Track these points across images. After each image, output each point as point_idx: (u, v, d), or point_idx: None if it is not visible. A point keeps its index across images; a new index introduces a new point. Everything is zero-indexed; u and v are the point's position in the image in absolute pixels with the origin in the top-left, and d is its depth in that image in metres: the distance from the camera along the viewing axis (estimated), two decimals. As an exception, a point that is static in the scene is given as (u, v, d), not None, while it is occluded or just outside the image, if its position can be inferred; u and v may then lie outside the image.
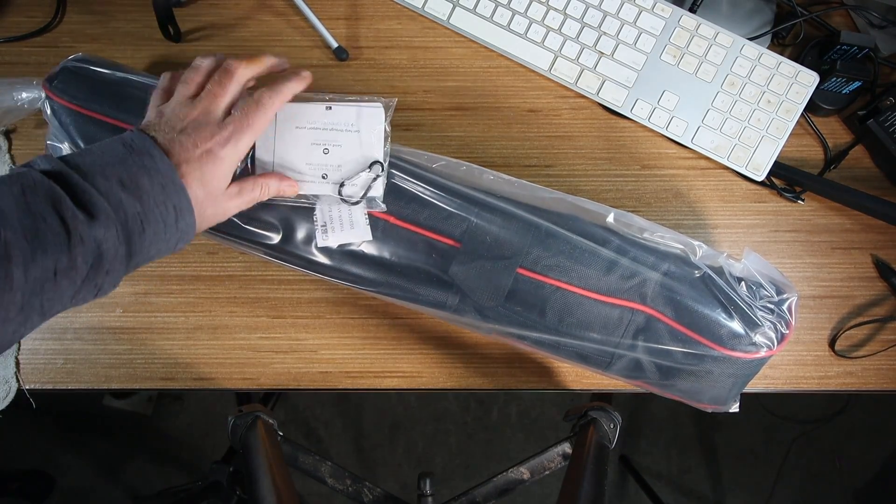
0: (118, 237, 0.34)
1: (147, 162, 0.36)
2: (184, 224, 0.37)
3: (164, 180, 0.36)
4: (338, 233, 0.47)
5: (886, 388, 0.58)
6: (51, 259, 0.31)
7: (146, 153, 0.36)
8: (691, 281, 0.47)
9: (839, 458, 1.42)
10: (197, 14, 0.62)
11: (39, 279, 0.31)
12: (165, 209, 0.36)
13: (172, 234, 0.37)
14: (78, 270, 0.33)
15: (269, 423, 0.61)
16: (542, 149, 0.61)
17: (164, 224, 0.36)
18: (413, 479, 1.01)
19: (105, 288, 0.35)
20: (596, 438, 0.57)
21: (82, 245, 0.32)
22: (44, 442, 1.41)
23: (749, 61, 0.59)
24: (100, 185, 0.34)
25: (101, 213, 0.33)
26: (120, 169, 0.35)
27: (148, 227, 0.35)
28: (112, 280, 0.35)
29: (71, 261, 0.32)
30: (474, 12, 0.61)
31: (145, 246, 0.36)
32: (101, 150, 0.36)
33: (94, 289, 0.35)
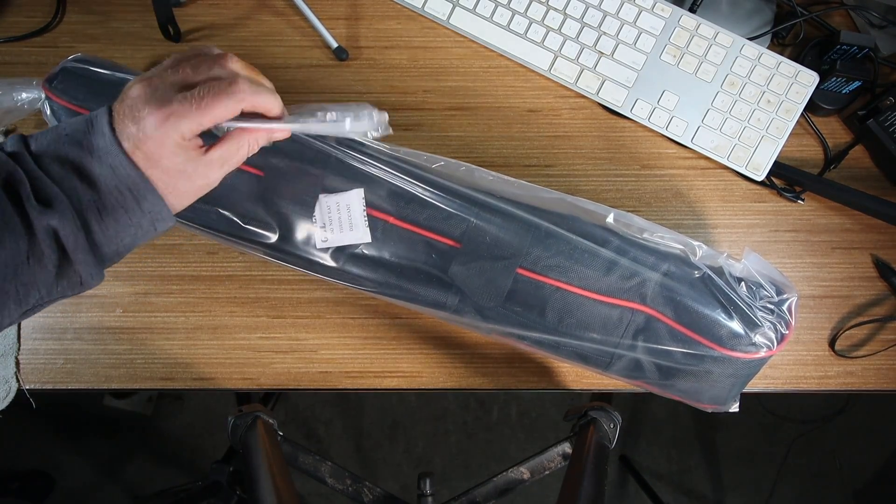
0: (75, 224, 0.33)
1: (99, 141, 0.34)
2: (149, 205, 0.35)
3: (113, 161, 0.34)
4: (337, 233, 0.47)
5: (886, 388, 0.58)
6: (18, 243, 0.31)
7: (100, 132, 0.34)
8: (691, 281, 0.47)
9: (839, 459, 1.42)
10: (197, 14, 0.62)
11: (10, 263, 0.31)
12: (120, 194, 0.34)
13: (140, 218, 0.35)
14: (46, 256, 0.32)
15: (269, 423, 0.61)
16: (542, 149, 0.61)
17: (125, 209, 0.34)
18: (413, 479, 1.01)
19: (84, 278, 0.34)
20: (596, 438, 0.57)
21: (37, 232, 0.32)
22: (44, 442, 1.41)
23: (749, 61, 0.59)
24: (54, 171, 0.33)
25: (54, 200, 0.32)
26: (74, 152, 0.34)
27: (105, 214, 0.34)
28: (86, 270, 0.34)
29: (33, 246, 0.32)
30: (474, 12, 0.61)
31: (110, 234, 0.34)
32: (68, 126, 0.35)
33: (74, 276, 0.34)
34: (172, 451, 1.41)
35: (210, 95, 0.35)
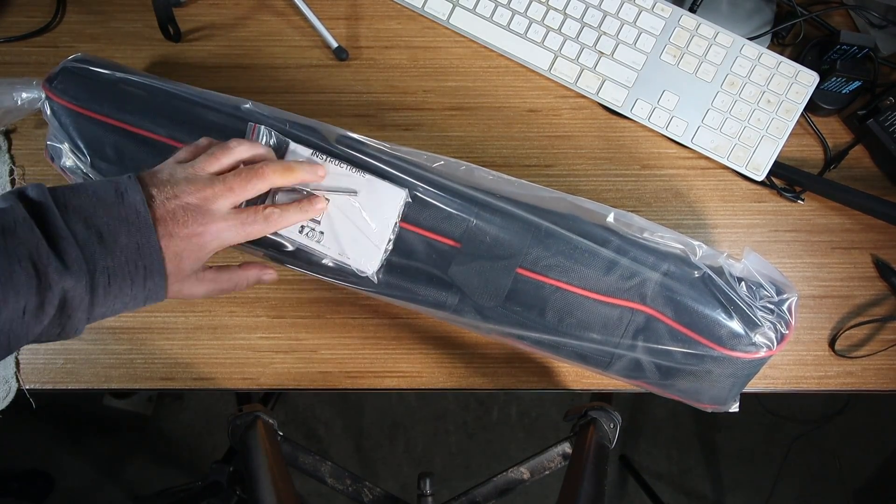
0: (85, 287, 0.34)
1: (131, 216, 0.36)
2: (152, 284, 0.37)
3: (141, 240, 0.36)
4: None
5: (886, 388, 0.58)
6: (21, 300, 0.32)
7: (132, 207, 0.36)
8: (691, 281, 0.47)
9: (839, 459, 1.42)
10: (197, 14, 0.62)
11: (9, 318, 0.32)
12: (135, 268, 0.36)
13: (139, 292, 0.37)
14: (45, 312, 0.33)
15: (269, 423, 0.61)
16: (542, 149, 0.61)
17: (132, 281, 0.36)
18: (413, 479, 1.01)
19: (67, 330, 0.36)
20: (596, 438, 0.57)
21: (51, 291, 0.33)
22: (44, 442, 1.41)
23: (749, 61, 0.59)
24: (79, 232, 0.34)
25: (73, 263, 0.34)
26: (103, 217, 0.35)
27: (114, 282, 0.35)
28: (73, 325, 0.36)
29: (39, 303, 0.33)
30: (474, 12, 0.61)
31: (109, 298, 0.36)
32: (94, 189, 0.36)
33: (58, 328, 0.35)
34: (172, 451, 1.41)
35: (252, 223, 0.40)
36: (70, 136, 0.48)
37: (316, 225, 0.45)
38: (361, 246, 0.45)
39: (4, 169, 0.59)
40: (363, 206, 0.45)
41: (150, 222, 0.36)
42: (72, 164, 0.49)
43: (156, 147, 0.47)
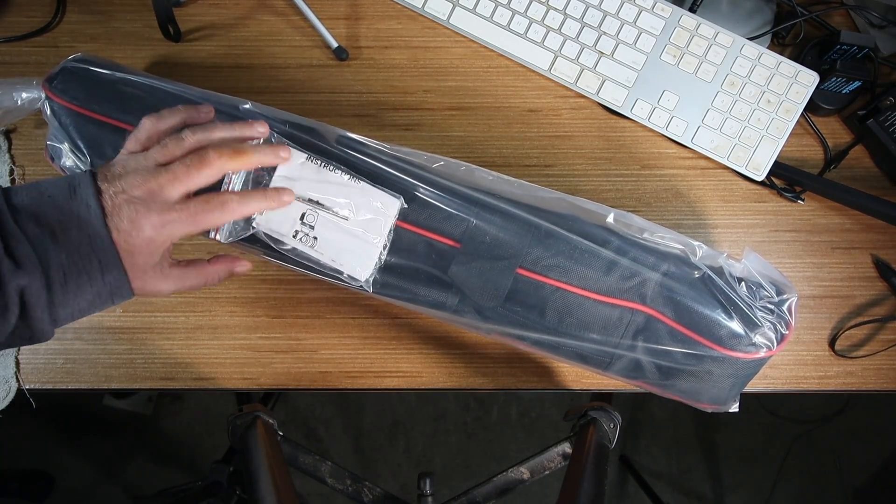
0: (41, 284, 0.34)
1: (82, 212, 0.36)
2: (112, 279, 0.37)
3: (92, 233, 0.36)
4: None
5: (886, 388, 0.58)
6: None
7: (84, 203, 0.36)
8: (691, 281, 0.47)
9: (839, 459, 1.42)
10: (197, 14, 0.62)
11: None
12: (89, 262, 0.36)
13: (101, 288, 0.36)
14: (10, 311, 0.33)
15: (269, 422, 0.61)
16: (542, 149, 0.61)
17: (89, 276, 0.36)
18: (413, 479, 1.01)
19: (36, 334, 0.36)
20: (596, 438, 0.57)
21: (4, 290, 0.33)
22: (44, 442, 1.41)
23: (749, 61, 0.59)
24: (30, 230, 0.34)
25: (25, 259, 0.34)
26: (54, 214, 0.35)
27: (70, 278, 0.35)
28: (38, 326, 0.35)
29: (3, 301, 0.33)
30: (474, 12, 0.61)
31: (69, 296, 0.36)
32: (47, 187, 0.36)
33: (27, 331, 0.35)
34: (172, 451, 1.41)
35: (206, 211, 0.39)
36: (70, 136, 0.48)
37: (310, 230, 0.45)
38: (354, 253, 0.45)
39: (4, 169, 0.59)
40: (357, 214, 0.45)
41: (100, 216, 0.36)
42: (72, 163, 0.49)
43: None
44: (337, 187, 0.44)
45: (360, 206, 0.45)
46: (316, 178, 0.44)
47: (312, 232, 0.45)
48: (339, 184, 0.44)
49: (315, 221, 0.45)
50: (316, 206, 0.44)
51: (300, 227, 0.45)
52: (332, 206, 0.45)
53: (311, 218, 0.44)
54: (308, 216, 0.44)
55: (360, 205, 0.45)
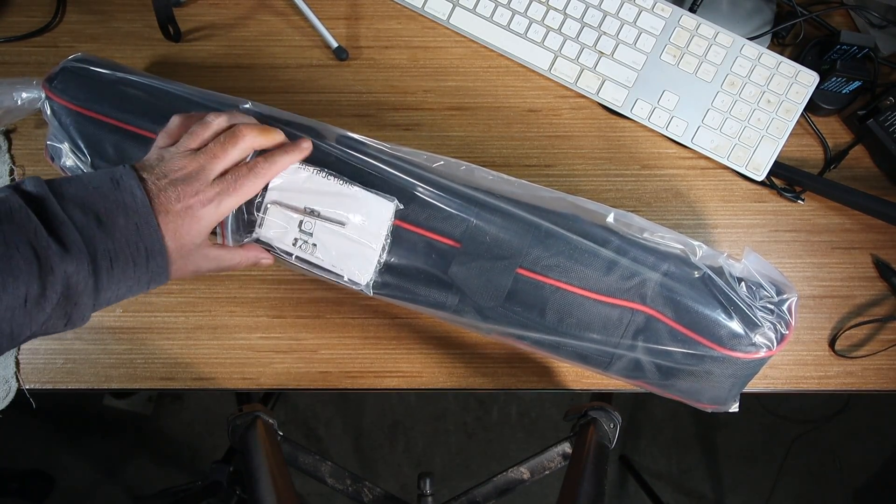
0: (87, 270, 0.35)
1: (128, 200, 0.36)
2: (155, 265, 0.38)
3: (139, 220, 0.36)
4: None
5: (886, 388, 0.58)
6: (22, 287, 0.32)
7: (129, 191, 0.37)
8: (691, 281, 0.47)
9: (839, 459, 1.42)
10: (197, 14, 0.62)
11: (10, 306, 0.32)
12: (136, 249, 0.36)
13: (143, 274, 0.37)
14: (48, 299, 0.33)
15: (269, 422, 0.61)
16: (542, 149, 0.61)
17: (134, 263, 0.37)
18: (413, 479, 1.01)
19: (74, 319, 0.36)
20: (596, 438, 0.57)
21: (52, 275, 0.33)
22: (44, 442, 1.41)
23: (749, 61, 0.59)
24: (77, 217, 0.35)
25: (73, 246, 0.34)
26: (100, 203, 0.36)
27: (116, 265, 0.36)
28: (80, 312, 0.36)
29: (41, 289, 0.33)
30: (474, 12, 0.61)
31: (113, 282, 0.36)
32: (90, 180, 0.37)
33: (63, 318, 0.35)
34: (172, 451, 1.41)
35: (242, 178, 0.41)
36: (70, 136, 0.48)
37: (308, 237, 0.45)
38: (354, 258, 0.46)
39: (4, 169, 0.59)
40: (353, 220, 0.45)
41: (146, 203, 0.37)
42: (72, 163, 0.49)
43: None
44: (331, 195, 0.45)
45: (355, 211, 0.45)
46: (310, 188, 0.44)
47: (311, 239, 0.45)
48: (332, 192, 0.45)
49: (313, 229, 0.45)
50: (312, 215, 0.45)
51: (299, 234, 0.45)
52: (328, 214, 0.45)
53: (309, 226, 0.45)
54: (305, 224, 0.45)
55: (355, 210, 0.45)
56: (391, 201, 0.45)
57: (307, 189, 0.44)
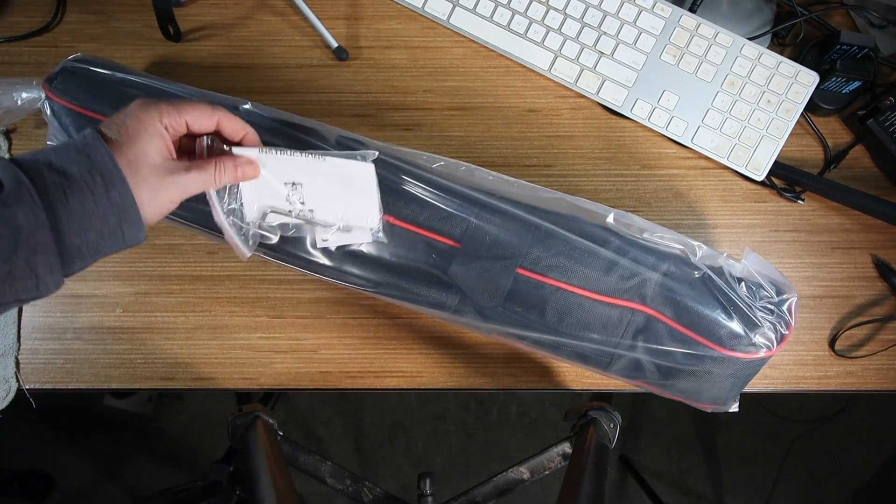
0: (36, 204, 0.32)
1: (79, 141, 0.35)
2: (118, 196, 0.35)
3: (90, 151, 0.34)
4: (337, 233, 0.47)
5: (886, 388, 0.58)
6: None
7: (81, 136, 0.36)
8: (691, 281, 0.47)
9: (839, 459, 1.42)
10: (197, 14, 0.62)
11: None
12: (90, 176, 0.34)
13: (107, 209, 0.34)
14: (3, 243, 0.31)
15: (269, 422, 0.61)
16: (542, 149, 0.61)
17: (92, 193, 0.34)
18: (413, 479, 1.01)
19: (42, 274, 0.33)
20: (596, 438, 0.57)
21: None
22: (44, 442, 1.41)
23: (749, 61, 0.59)
24: (25, 158, 0.33)
25: (11, 181, 0.32)
26: (52, 152, 0.34)
27: (72, 196, 0.33)
28: (46, 262, 0.33)
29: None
30: (474, 12, 0.61)
31: (75, 220, 0.33)
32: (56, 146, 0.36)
33: (29, 274, 0.32)
34: (172, 451, 1.41)
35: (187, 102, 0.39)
36: (70, 136, 0.48)
37: (301, 205, 0.44)
38: (354, 207, 0.45)
39: (4, 169, 0.59)
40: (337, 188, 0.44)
41: (96, 136, 0.35)
42: (72, 164, 0.49)
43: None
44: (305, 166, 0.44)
45: (335, 176, 0.44)
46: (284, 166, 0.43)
47: (305, 206, 0.44)
48: (306, 164, 0.43)
49: (303, 197, 0.44)
50: (294, 186, 0.44)
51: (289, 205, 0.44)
52: (309, 183, 0.44)
53: (297, 196, 0.44)
54: (292, 195, 0.44)
55: (335, 175, 0.44)
56: (368, 158, 0.45)
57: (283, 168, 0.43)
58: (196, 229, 0.50)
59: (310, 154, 0.43)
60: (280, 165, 0.43)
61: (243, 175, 0.41)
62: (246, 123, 0.42)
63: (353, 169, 0.44)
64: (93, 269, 0.58)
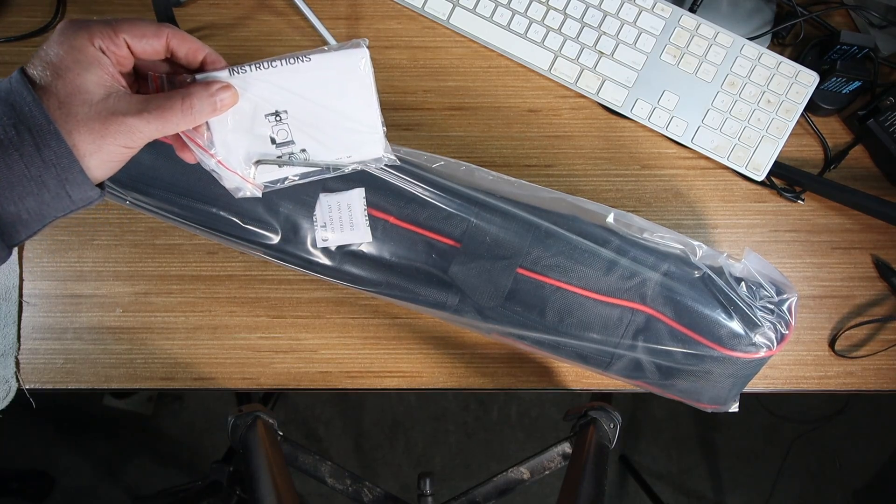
0: None
1: (3, 88, 0.30)
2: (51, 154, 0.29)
3: (14, 97, 0.29)
4: (338, 233, 0.47)
5: (886, 389, 0.58)
6: None
7: (7, 79, 0.30)
8: (691, 281, 0.47)
9: (839, 459, 1.42)
10: (197, 14, 0.62)
11: None
12: (16, 133, 0.28)
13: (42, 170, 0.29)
14: None
15: (269, 422, 0.61)
16: (542, 149, 0.61)
17: (20, 154, 0.28)
18: (413, 479, 1.01)
19: None
20: (596, 438, 0.57)
21: None
22: (44, 442, 1.41)
23: (749, 61, 0.59)
24: None
25: None
26: None
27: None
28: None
29: None
30: (474, 12, 0.61)
31: (4, 188, 0.28)
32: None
33: None
34: (172, 451, 1.41)
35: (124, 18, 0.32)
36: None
37: (289, 147, 0.37)
38: (353, 136, 0.38)
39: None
40: (326, 97, 0.37)
41: (22, 79, 0.29)
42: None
43: (154, 146, 0.47)
44: (287, 81, 0.36)
45: (323, 82, 0.36)
46: (259, 88, 0.36)
47: (294, 147, 0.37)
48: (287, 76, 0.36)
49: (289, 136, 0.37)
50: (278, 121, 0.37)
51: (277, 150, 0.37)
52: (296, 109, 0.37)
53: (284, 135, 0.37)
54: (277, 131, 0.37)
55: (323, 83, 0.36)
56: (359, 47, 0.37)
57: (257, 91, 0.36)
58: (196, 229, 0.50)
59: (289, 60, 0.36)
60: (257, 88, 0.36)
61: (221, 105, 0.33)
62: (203, 43, 0.34)
63: (342, 62, 0.36)
64: (93, 269, 0.58)
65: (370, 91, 0.38)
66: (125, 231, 0.58)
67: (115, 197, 0.49)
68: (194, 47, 0.34)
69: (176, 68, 0.35)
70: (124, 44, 0.31)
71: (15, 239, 0.30)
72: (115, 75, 0.31)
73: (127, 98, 0.31)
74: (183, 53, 0.34)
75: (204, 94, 0.33)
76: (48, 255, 0.58)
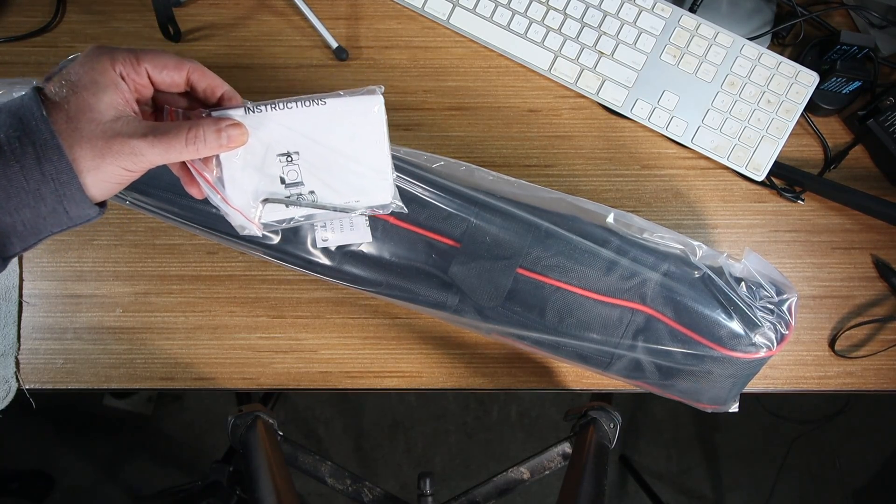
0: None
1: (15, 102, 0.30)
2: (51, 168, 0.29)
3: (23, 113, 0.29)
4: (338, 234, 0.47)
5: (886, 388, 0.58)
6: None
7: (20, 96, 0.30)
8: (691, 281, 0.47)
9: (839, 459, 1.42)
10: (197, 14, 0.62)
11: None
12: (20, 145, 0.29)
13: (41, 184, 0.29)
14: None
15: (269, 422, 0.61)
16: (542, 149, 0.61)
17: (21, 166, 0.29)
18: (413, 479, 1.01)
19: None
20: (596, 438, 0.57)
21: None
22: (44, 442, 1.41)
23: (749, 61, 0.59)
24: None
25: None
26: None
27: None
28: None
29: None
30: (474, 12, 0.61)
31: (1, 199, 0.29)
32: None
33: None
34: (172, 451, 1.41)
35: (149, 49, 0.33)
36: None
37: (298, 188, 0.38)
38: (362, 180, 0.38)
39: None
40: (340, 138, 0.37)
41: (33, 97, 0.30)
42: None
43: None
44: (301, 123, 0.37)
45: (337, 126, 0.37)
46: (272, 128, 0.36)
47: (303, 188, 0.38)
48: (301, 118, 0.36)
49: (299, 176, 0.37)
50: (289, 162, 0.37)
51: (286, 190, 0.37)
52: (307, 147, 0.37)
53: (293, 175, 0.37)
54: (287, 172, 0.37)
55: (337, 124, 0.37)
56: (373, 93, 0.37)
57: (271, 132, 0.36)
58: (196, 229, 0.50)
59: (305, 102, 0.36)
60: (270, 128, 0.36)
61: (229, 141, 0.33)
62: (223, 80, 0.35)
63: (358, 107, 0.37)
64: (93, 269, 0.58)
65: (382, 137, 0.38)
66: (125, 231, 0.58)
67: (115, 197, 0.49)
68: (214, 84, 0.35)
69: (194, 104, 0.36)
70: (145, 73, 0.32)
71: (10, 250, 0.31)
72: (129, 101, 0.32)
73: (135, 122, 0.32)
74: (202, 88, 0.35)
75: (212, 127, 0.33)
76: (48, 255, 0.58)
